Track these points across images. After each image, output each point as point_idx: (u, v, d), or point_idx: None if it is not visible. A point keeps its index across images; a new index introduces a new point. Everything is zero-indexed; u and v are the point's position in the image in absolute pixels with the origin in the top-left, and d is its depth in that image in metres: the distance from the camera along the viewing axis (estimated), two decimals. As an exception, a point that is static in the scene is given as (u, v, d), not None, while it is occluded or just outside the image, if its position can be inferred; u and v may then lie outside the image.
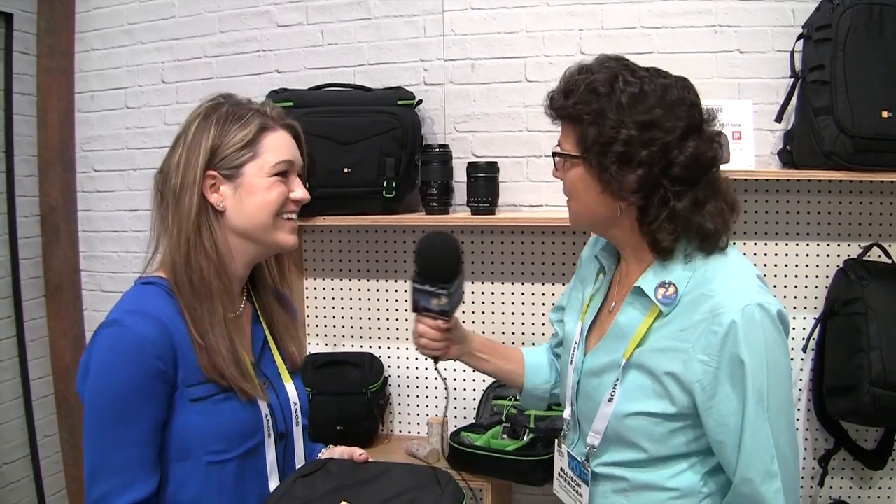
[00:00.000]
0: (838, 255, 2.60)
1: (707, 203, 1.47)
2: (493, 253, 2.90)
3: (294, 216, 1.61)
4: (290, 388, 1.65)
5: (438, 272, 1.65)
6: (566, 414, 1.70)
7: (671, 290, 1.49)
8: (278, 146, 1.57)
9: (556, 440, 1.74)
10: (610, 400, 1.53)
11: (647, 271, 1.53)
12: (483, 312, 2.93)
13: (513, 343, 2.89)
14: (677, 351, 1.45)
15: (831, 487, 2.67)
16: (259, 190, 1.54)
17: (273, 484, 1.56)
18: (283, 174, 1.57)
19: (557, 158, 1.58)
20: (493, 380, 2.85)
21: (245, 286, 1.66)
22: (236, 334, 1.53)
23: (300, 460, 1.64)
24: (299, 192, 1.60)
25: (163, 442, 1.44)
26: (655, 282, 1.50)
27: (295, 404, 1.65)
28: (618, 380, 1.52)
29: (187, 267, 1.49)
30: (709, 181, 1.48)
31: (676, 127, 1.43)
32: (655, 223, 1.47)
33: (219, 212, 1.53)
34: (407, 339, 3.00)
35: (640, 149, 1.42)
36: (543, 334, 2.85)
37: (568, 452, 1.68)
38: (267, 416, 1.55)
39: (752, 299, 1.40)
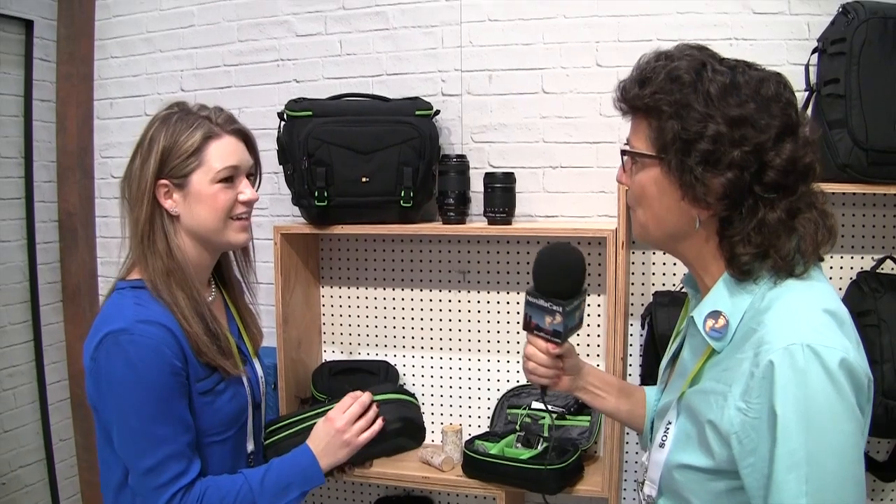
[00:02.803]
0: (851, 268, 2.61)
1: (799, 216, 1.26)
2: (508, 263, 2.92)
3: (245, 216, 1.76)
4: (258, 364, 1.89)
5: (555, 286, 1.52)
6: (644, 458, 1.51)
7: (721, 321, 1.28)
8: (223, 153, 1.69)
9: (638, 487, 1.53)
10: (662, 445, 1.36)
11: (705, 298, 1.34)
12: (498, 322, 2.94)
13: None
14: (717, 395, 1.24)
15: (843, 498, 2.66)
16: (206, 197, 1.68)
17: (250, 446, 1.82)
18: (229, 179, 1.70)
19: (626, 158, 1.38)
20: (507, 388, 2.89)
21: (212, 276, 1.85)
22: (215, 318, 1.71)
23: (260, 425, 1.90)
24: (247, 192, 1.74)
25: None
26: (706, 311, 1.31)
27: (261, 378, 1.88)
28: (670, 422, 1.36)
29: (146, 268, 1.66)
30: (804, 193, 1.26)
31: (771, 126, 1.22)
32: (738, 236, 1.26)
33: (173, 216, 1.69)
34: (422, 348, 3.02)
35: (730, 148, 1.21)
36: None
37: (643, 500, 1.50)
38: (248, 389, 1.76)
39: (801, 338, 1.13)
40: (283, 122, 2.74)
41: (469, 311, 2.96)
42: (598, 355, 2.82)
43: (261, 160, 1.84)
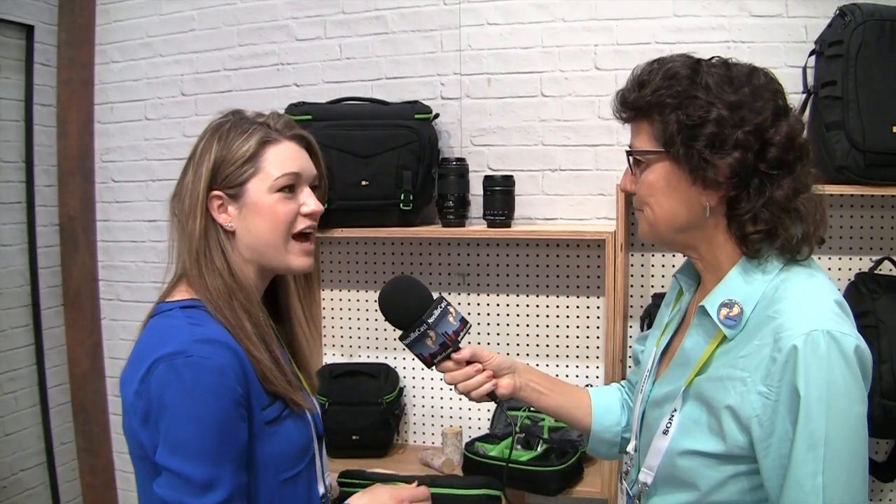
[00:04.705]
0: (850, 269, 2.62)
1: (801, 195, 1.34)
2: (508, 266, 2.93)
3: (310, 231, 1.56)
4: (313, 398, 1.67)
5: (405, 311, 1.59)
6: (630, 448, 1.57)
7: (735, 310, 1.33)
8: (282, 159, 1.52)
9: (621, 477, 1.56)
10: (665, 432, 1.40)
11: (714, 289, 1.39)
12: (498, 325, 2.95)
13: (527, 355, 2.92)
14: (734, 380, 1.29)
15: (842, 499, 2.67)
16: (264, 208, 1.50)
17: (321, 488, 1.60)
18: (290, 188, 1.52)
19: (632, 160, 1.44)
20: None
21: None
22: (278, 346, 1.53)
23: (325, 463, 1.67)
24: (311, 203, 1.55)
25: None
26: (720, 300, 1.36)
27: (318, 410, 1.68)
28: (675, 410, 1.39)
29: (205, 289, 1.46)
30: (802, 174, 1.35)
31: (766, 108, 1.32)
32: (748, 214, 1.33)
33: (230, 232, 1.51)
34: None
35: (732, 130, 1.30)
36: (558, 346, 2.88)
37: (627, 491, 1.55)
38: (311, 420, 1.58)
39: (821, 325, 1.21)
40: (282, 126, 2.73)
41: (468, 313, 2.96)
42: (597, 357, 2.83)
43: (324, 171, 1.66)
